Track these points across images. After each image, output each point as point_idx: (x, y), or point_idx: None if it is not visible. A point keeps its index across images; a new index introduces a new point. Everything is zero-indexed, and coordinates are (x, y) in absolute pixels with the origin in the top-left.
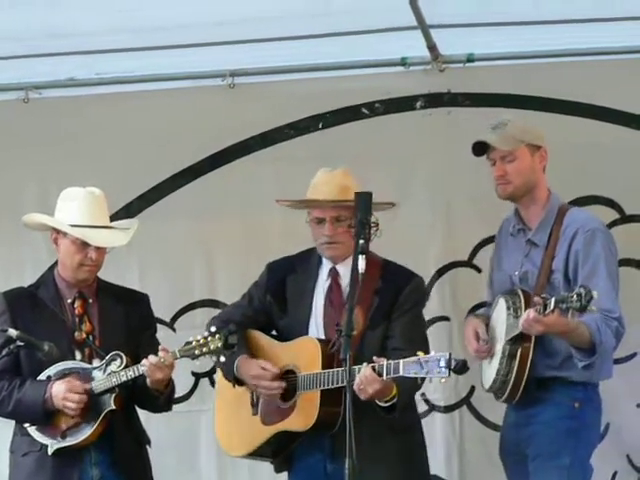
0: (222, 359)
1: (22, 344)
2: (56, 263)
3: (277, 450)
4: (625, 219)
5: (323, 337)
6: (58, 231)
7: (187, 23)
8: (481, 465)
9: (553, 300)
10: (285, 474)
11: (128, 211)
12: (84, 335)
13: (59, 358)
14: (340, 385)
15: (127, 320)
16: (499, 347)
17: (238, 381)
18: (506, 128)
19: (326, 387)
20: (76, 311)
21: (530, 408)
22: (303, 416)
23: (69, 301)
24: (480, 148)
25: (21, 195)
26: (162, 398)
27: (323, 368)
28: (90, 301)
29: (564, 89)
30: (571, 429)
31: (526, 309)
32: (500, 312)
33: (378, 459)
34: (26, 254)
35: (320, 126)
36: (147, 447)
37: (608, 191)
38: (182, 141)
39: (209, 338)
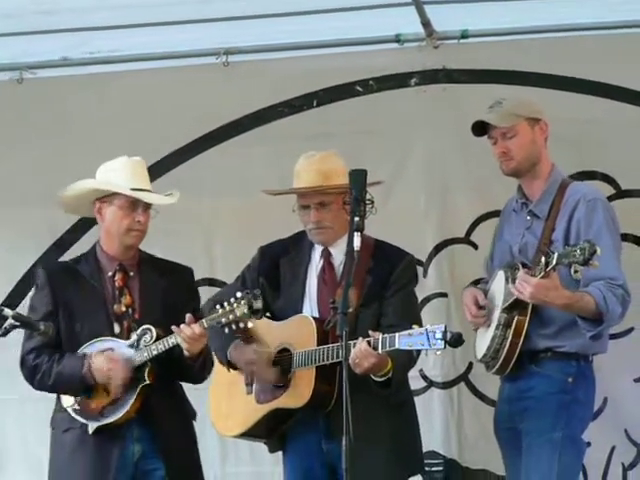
0: (250, 325)
1: (18, 324)
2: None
3: (271, 429)
4: (621, 194)
5: (317, 316)
6: (103, 200)
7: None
8: (479, 441)
9: (556, 255)
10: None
11: None
12: (123, 308)
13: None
14: (335, 361)
15: (168, 293)
16: (495, 315)
17: (232, 365)
18: (503, 105)
19: (321, 363)
20: (116, 284)
21: (523, 382)
22: (297, 393)
23: (110, 274)
24: (479, 128)
25: (18, 176)
26: (196, 367)
27: (318, 345)
28: (131, 274)
29: (559, 64)
30: (563, 404)
31: None
32: (498, 283)
33: (371, 436)
34: (25, 236)
35: (314, 104)
36: (192, 421)
37: (604, 166)
38: (177, 120)
39: (235, 305)
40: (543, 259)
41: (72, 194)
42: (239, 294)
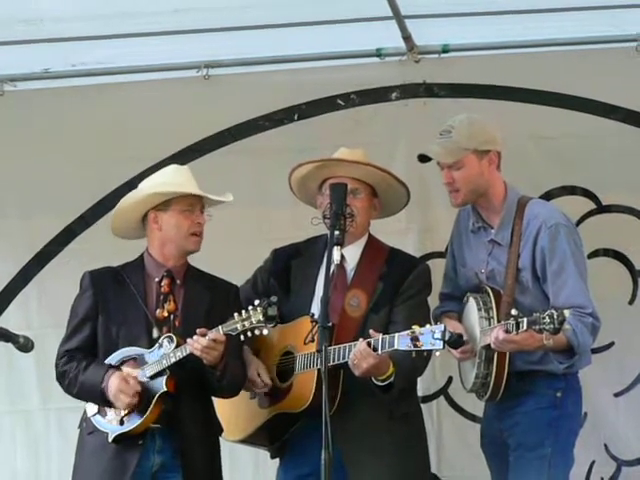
0: (265, 332)
1: None
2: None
3: (273, 436)
4: (602, 209)
5: None
6: (159, 208)
7: (161, 10)
8: (459, 454)
9: (525, 321)
10: None
11: (105, 205)
12: (165, 314)
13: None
14: (337, 363)
15: (211, 306)
16: (476, 348)
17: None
18: (451, 136)
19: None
20: (162, 289)
21: (512, 399)
22: (298, 397)
23: (156, 279)
24: (427, 155)
25: None
26: (218, 376)
27: None
28: (178, 282)
29: (540, 79)
30: (552, 419)
31: (497, 309)
32: (471, 312)
33: (375, 447)
34: (4, 249)
35: (295, 117)
36: (218, 438)
37: (584, 182)
38: (157, 133)
39: (251, 312)
40: (512, 320)
41: (127, 205)
42: (256, 302)
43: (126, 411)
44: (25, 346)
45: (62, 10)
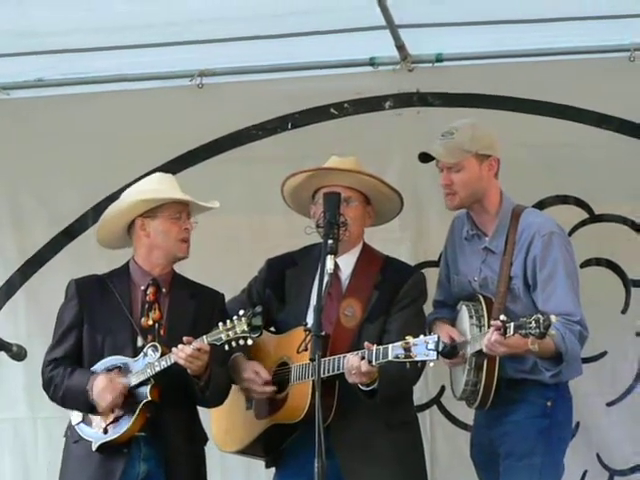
0: (249, 342)
1: None
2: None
3: (270, 447)
4: (594, 219)
5: None
6: (146, 215)
7: (155, 22)
8: (451, 463)
9: (512, 326)
10: None
11: (96, 213)
12: (150, 322)
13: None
14: (332, 374)
15: (196, 314)
16: (467, 356)
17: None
18: (453, 138)
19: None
20: (147, 297)
21: (502, 408)
22: (294, 408)
23: (142, 288)
24: (428, 155)
25: None
26: (202, 386)
27: None
28: (163, 290)
29: (533, 89)
30: (543, 428)
31: (488, 317)
32: (463, 320)
33: (373, 457)
34: None
35: (289, 126)
36: (203, 446)
37: (577, 191)
38: (151, 142)
39: (236, 322)
40: (499, 322)
41: (114, 213)
42: (241, 312)
43: (110, 419)
44: (18, 354)
45: (55, 23)
